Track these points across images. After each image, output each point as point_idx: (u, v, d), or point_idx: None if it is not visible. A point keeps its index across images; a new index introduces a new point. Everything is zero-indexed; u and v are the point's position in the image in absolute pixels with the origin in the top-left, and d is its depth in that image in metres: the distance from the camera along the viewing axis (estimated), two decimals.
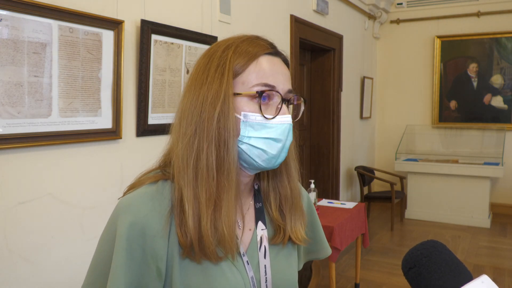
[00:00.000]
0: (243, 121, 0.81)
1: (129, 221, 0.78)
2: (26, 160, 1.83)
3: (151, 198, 0.80)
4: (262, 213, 0.91)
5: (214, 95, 0.80)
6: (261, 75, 0.81)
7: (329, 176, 5.05)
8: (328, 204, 3.38)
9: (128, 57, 2.26)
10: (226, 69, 0.81)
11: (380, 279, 3.67)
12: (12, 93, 1.73)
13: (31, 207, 1.85)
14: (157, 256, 0.78)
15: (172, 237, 0.79)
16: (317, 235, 1.06)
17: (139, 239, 0.78)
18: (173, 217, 0.80)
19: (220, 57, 0.82)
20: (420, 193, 5.52)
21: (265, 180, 0.93)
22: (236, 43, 0.84)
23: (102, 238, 0.84)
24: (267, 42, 0.86)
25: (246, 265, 0.85)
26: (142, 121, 2.35)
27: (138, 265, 0.78)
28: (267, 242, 0.89)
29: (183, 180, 0.79)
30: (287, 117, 0.83)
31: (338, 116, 5.06)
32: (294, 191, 0.93)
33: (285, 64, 0.88)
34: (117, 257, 0.77)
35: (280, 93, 0.83)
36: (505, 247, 4.49)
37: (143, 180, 0.84)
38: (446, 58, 5.98)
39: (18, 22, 1.73)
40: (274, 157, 0.83)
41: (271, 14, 3.66)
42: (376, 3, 5.80)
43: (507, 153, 5.63)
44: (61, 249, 1.98)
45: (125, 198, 0.82)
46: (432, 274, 0.71)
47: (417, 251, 0.75)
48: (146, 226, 0.78)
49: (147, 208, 0.79)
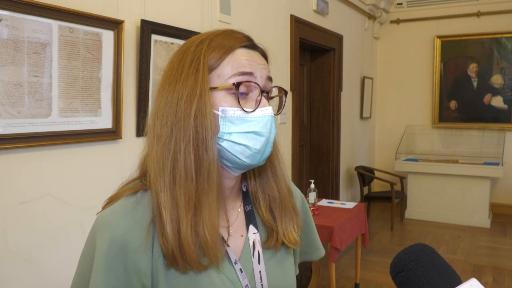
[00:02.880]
0: (221, 117, 0.77)
1: (108, 237, 0.73)
2: (26, 160, 1.83)
3: (130, 211, 0.76)
4: (252, 216, 0.87)
5: (190, 92, 0.75)
6: (236, 64, 0.77)
7: (329, 176, 5.05)
8: (328, 204, 3.38)
9: (128, 57, 2.26)
10: (201, 64, 0.77)
11: (380, 279, 3.67)
12: (12, 93, 1.73)
13: (31, 207, 1.85)
14: (140, 272, 0.74)
15: (156, 249, 0.75)
16: (311, 236, 1.03)
17: (119, 256, 0.73)
18: (154, 227, 0.75)
19: (194, 52, 0.78)
20: (420, 193, 5.52)
21: (252, 179, 0.89)
22: (210, 37, 0.80)
23: (81, 257, 0.79)
24: (243, 35, 0.82)
25: (240, 273, 0.80)
26: (142, 121, 2.35)
27: (119, 283, 0.73)
28: (260, 246, 0.85)
29: (160, 185, 0.74)
30: (268, 109, 0.79)
31: (338, 116, 5.06)
32: (281, 191, 0.88)
33: (263, 57, 0.84)
34: (96, 275, 0.73)
35: (258, 84, 0.78)
36: (505, 247, 4.49)
37: (122, 193, 0.79)
38: (446, 58, 5.98)
39: (18, 22, 1.73)
40: (259, 152, 0.78)
41: (271, 14, 3.66)
42: (376, 3, 5.80)
43: (507, 153, 5.62)
44: (61, 249, 1.98)
45: (103, 213, 0.77)
46: (420, 278, 0.70)
47: (405, 255, 0.73)
48: (127, 241, 0.73)
49: (127, 222, 0.74)
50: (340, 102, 5.10)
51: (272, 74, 0.84)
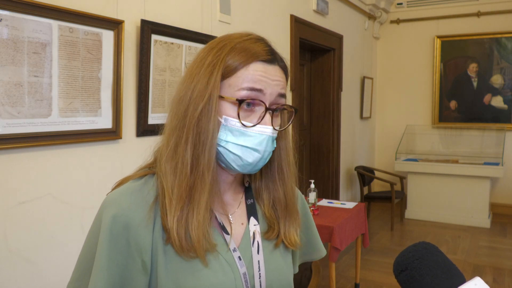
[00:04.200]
0: (223, 125, 0.80)
1: (112, 213, 0.77)
2: (26, 160, 1.83)
3: (136, 191, 0.80)
4: (254, 209, 0.90)
5: (199, 93, 0.79)
6: (248, 79, 0.78)
7: (329, 176, 5.05)
8: (328, 204, 3.38)
9: (128, 57, 2.26)
10: (216, 69, 0.79)
11: (380, 279, 3.67)
12: (12, 93, 1.73)
13: (31, 207, 1.85)
14: (141, 248, 0.77)
15: (157, 228, 0.79)
16: (312, 237, 1.04)
17: (123, 231, 0.77)
18: (157, 207, 0.79)
19: (215, 54, 0.80)
20: (420, 193, 5.51)
21: (257, 179, 0.91)
22: (234, 43, 0.81)
23: (88, 234, 0.83)
24: (266, 48, 0.82)
25: (238, 260, 0.83)
26: (142, 121, 2.35)
27: (122, 257, 0.77)
28: (260, 237, 0.87)
29: (163, 169, 0.80)
30: (267, 128, 0.80)
31: (338, 116, 5.06)
32: (288, 195, 0.90)
33: (283, 71, 0.84)
34: (101, 249, 0.77)
35: (264, 102, 0.79)
36: (505, 247, 4.49)
37: (130, 177, 0.85)
38: (446, 58, 5.98)
39: (18, 22, 1.73)
40: (250, 165, 0.81)
41: (271, 14, 3.66)
42: (376, 3, 5.80)
43: (507, 153, 5.62)
44: (61, 249, 1.98)
45: (110, 194, 0.82)
46: (424, 277, 0.69)
47: (408, 253, 0.73)
48: (130, 218, 0.77)
49: (132, 200, 0.79)
50: (340, 102, 5.10)
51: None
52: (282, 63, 0.84)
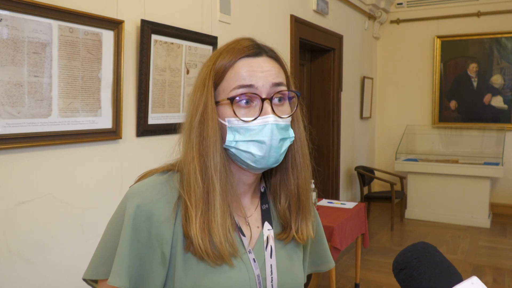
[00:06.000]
0: (228, 127, 0.82)
1: (136, 203, 0.80)
2: (26, 160, 1.83)
3: (159, 185, 0.83)
4: (268, 215, 0.92)
5: (197, 105, 0.84)
6: (236, 78, 0.81)
7: (329, 176, 5.05)
8: (328, 204, 3.38)
9: (128, 57, 2.26)
10: (208, 77, 0.83)
11: (380, 279, 3.67)
12: (12, 93, 1.73)
13: (31, 207, 1.85)
14: (162, 239, 0.80)
15: (178, 225, 0.81)
16: (321, 249, 1.05)
17: (146, 221, 0.79)
18: (179, 207, 0.82)
19: (207, 65, 0.86)
20: (420, 193, 5.52)
21: (273, 177, 0.93)
22: (220, 51, 0.85)
23: (110, 222, 0.86)
24: (248, 43, 0.85)
25: (253, 262, 0.85)
26: (142, 121, 2.35)
27: (143, 247, 0.79)
28: (273, 241, 0.89)
29: (182, 175, 0.84)
30: (268, 117, 0.81)
31: (338, 116, 5.06)
32: (301, 188, 0.91)
33: (274, 60, 0.86)
34: (124, 236, 0.79)
35: (259, 95, 0.81)
36: (505, 247, 4.49)
37: (154, 171, 0.88)
38: (446, 58, 5.98)
39: (18, 22, 1.73)
40: (263, 158, 0.82)
41: (271, 14, 3.66)
42: (376, 3, 5.80)
43: (507, 153, 5.63)
44: (61, 249, 1.98)
45: (135, 185, 0.85)
46: (423, 276, 0.71)
47: (407, 253, 0.75)
48: (153, 210, 0.80)
49: (155, 194, 0.82)
50: (340, 102, 5.10)
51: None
52: (271, 53, 0.86)
